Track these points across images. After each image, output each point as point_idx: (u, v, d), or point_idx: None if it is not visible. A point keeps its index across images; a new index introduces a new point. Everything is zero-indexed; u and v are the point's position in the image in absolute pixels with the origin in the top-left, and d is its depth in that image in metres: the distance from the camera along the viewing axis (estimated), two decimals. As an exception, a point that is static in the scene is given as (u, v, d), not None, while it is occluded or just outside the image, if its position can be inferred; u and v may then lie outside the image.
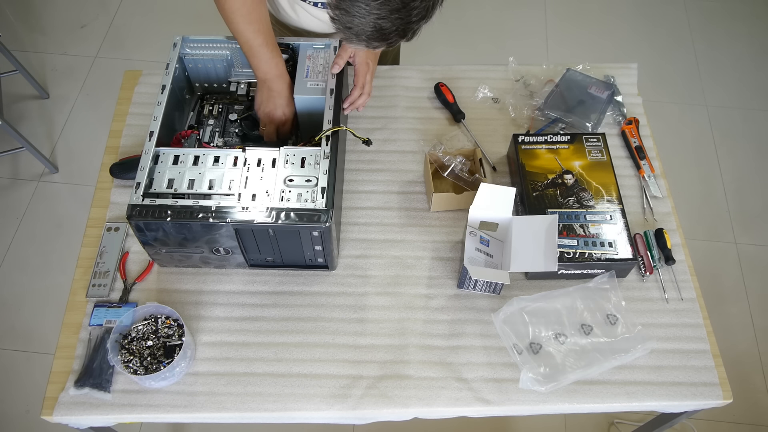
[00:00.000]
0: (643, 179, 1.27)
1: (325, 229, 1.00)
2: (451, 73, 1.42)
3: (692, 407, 1.08)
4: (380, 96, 1.38)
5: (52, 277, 2.06)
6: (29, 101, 2.47)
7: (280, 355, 1.06)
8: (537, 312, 1.10)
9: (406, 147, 1.31)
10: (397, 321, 1.10)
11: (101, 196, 1.24)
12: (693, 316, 1.12)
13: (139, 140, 1.30)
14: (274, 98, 1.17)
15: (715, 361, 1.08)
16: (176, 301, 1.11)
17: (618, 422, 1.85)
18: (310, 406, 1.02)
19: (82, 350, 1.06)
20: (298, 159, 1.07)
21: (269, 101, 1.17)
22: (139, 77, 1.39)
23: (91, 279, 1.12)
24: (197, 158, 1.07)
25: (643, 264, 1.16)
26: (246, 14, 1.09)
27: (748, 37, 2.80)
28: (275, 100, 1.17)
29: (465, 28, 2.79)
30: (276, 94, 1.16)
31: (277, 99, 1.17)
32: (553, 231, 1.06)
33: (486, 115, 1.37)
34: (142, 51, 2.63)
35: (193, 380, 1.04)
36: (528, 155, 1.22)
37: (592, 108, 1.32)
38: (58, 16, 2.74)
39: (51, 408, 1.01)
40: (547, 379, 1.03)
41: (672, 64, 2.70)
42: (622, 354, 1.06)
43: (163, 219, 0.98)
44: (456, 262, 1.17)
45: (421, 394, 1.04)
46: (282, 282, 1.14)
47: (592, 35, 2.78)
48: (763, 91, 2.62)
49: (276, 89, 1.16)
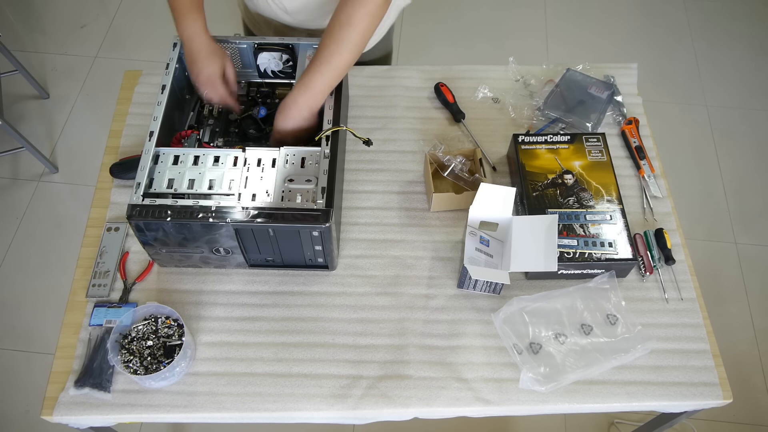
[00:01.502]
0: (643, 179, 1.27)
1: (325, 229, 1.00)
2: (451, 73, 1.42)
3: (692, 407, 1.08)
4: (380, 96, 1.38)
5: (52, 277, 2.06)
6: (29, 101, 2.47)
7: (280, 355, 1.06)
8: (537, 312, 1.10)
9: (406, 147, 1.31)
10: (397, 321, 1.10)
11: (101, 196, 1.24)
12: (693, 316, 1.12)
13: (139, 140, 1.30)
14: (203, 57, 1.14)
15: (715, 361, 1.08)
16: (176, 301, 1.11)
17: (618, 422, 1.85)
18: (310, 406, 1.02)
19: (82, 350, 1.06)
20: (298, 159, 1.07)
21: (201, 62, 1.14)
22: (139, 77, 1.39)
23: (91, 279, 1.12)
24: (197, 158, 1.07)
25: (643, 264, 1.16)
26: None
27: (748, 37, 2.80)
28: (205, 60, 1.14)
29: (464, 28, 2.79)
30: (196, 54, 1.13)
31: (206, 57, 1.14)
32: (553, 231, 1.06)
33: (486, 115, 1.37)
34: (142, 51, 2.63)
35: (193, 380, 1.04)
36: (528, 155, 1.22)
37: (592, 108, 1.32)
38: (58, 16, 2.74)
39: (51, 408, 1.01)
40: (547, 379, 1.03)
41: (672, 63, 2.70)
42: (622, 354, 1.06)
43: (163, 219, 0.98)
44: (456, 262, 1.17)
45: (421, 394, 1.04)
46: (282, 282, 1.14)
47: (592, 35, 2.78)
48: (763, 91, 2.62)
49: (194, 49, 1.14)
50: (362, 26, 1.06)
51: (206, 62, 1.14)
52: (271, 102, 1.26)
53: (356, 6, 1.05)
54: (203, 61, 1.14)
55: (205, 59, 1.14)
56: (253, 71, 1.27)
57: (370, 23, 1.07)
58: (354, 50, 1.08)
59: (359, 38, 1.07)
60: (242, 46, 1.22)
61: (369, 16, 1.06)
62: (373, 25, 1.08)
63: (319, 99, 1.10)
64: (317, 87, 1.08)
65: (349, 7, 1.06)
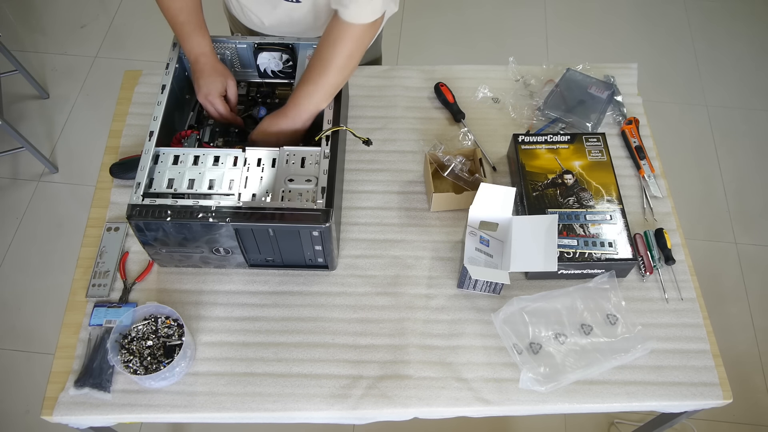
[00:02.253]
0: (643, 179, 1.27)
1: (325, 229, 1.00)
2: (451, 73, 1.42)
3: (692, 407, 1.08)
4: (380, 96, 1.38)
5: (52, 277, 2.06)
6: (29, 101, 2.47)
7: (280, 355, 1.06)
8: (537, 312, 1.10)
9: (406, 147, 1.31)
10: (397, 321, 1.10)
11: (101, 196, 1.24)
12: (693, 316, 1.12)
13: (139, 140, 1.30)
14: (205, 76, 1.16)
15: (715, 361, 1.08)
16: (176, 301, 1.11)
17: (618, 422, 1.85)
18: (310, 406, 1.02)
19: (82, 350, 1.06)
20: (298, 159, 1.07)
21: (202, 80, 1.16)
22: (139, 77, 1.39)
23: (91, 279, 1.12)
24: (197, 158, 1.07)
25: (643, 264, 1.16)
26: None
27: (748, 37, 2.80)
28: (207, 78, 1.16)
29: (465, 27, 2.79)
30: (199, 73, 1.16)
31: (209, 76, 1.16)
32: (553, 231, 1.06)
33: (486, 115, 1.37)
34: (142, 51, 2.63)
35: (193, 380, 1.04)
36: (528, 155, 1.22)
37: (592, 108, 1.32)
38: (58, 16, 2.74)
39: (51, 408, 1.01)
40: (547, 379, 1.03)
41: (672, 64, 2.70)
42: (622, 354, 1.06)
43: (163, 219, 0.98)
44: (456, 262, 1.17)
45: (421, 394, 1.04)
46: (282, 282, 1.14)
47: (592, 35, 2.78)
48: (763, 91, 2.61)
49: (197, 69, 1.16)
50: (348, 49, 1.06)
51: (207, 81, 1.17)
52: (271, 102, 1.26)
53: (343, 28, 1.04)
54: (204, 79, 1.16)
55: (207, 78, 1.16)
56: (253, 71, 1.27)
57: (357, 46, 1.07)
58: (340, 72, 1.08)
59: (345, 61, 1.07)
60: (242, 46, 1.22)
61: (355, 40, 1.05)
62: (360, 48, 1.08)
63: (305, 117, 1.11)
64: (304, 106, 1.10)
65: (336, 29, 1.05)
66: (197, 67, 1.16)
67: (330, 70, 1.07)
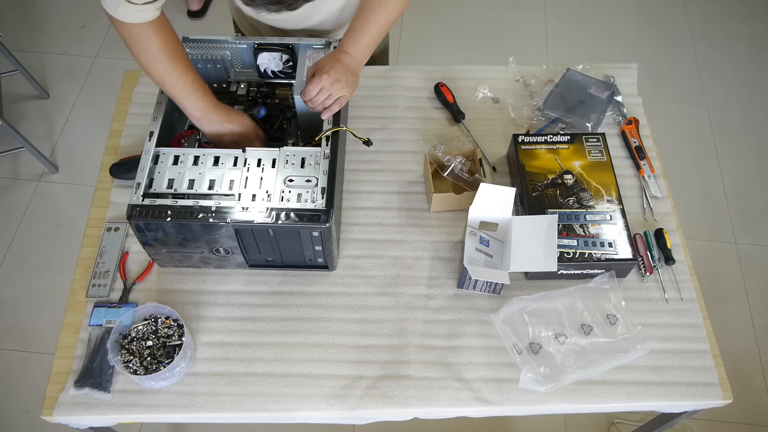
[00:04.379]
0: (643, 179, 1.27)
1: (325, 229, 1.00)
2: (451, 73, 1.42)
3: (692, 407, 1.08)
4: (380, 96, 1.38)
5: (52, 277, 2.06)
6: (29, 101, 2.47)
7: (280, 355, 1.06)
8: (537, 312, 1.10)
9: (406, 147, 1.31)
10: (397, 321, 1.10)
11: (101, 196, 1.24)
12: (693, 316, 1.12)
13: (139, 140, 1.30)
14: (226, 122, 1.12)
15: (715, 361, 1.08)
16: (176, 301, 1.11)
17: (618, 422, 1.85)
18: (310, 406, 1.02)
19: (82, 350, 1.06)
20: (298, 159, 1.07)
21: (224, 126, 1.12)
22: (139, 77, 1.39)
23: (91, 279, 1.12)
24: (197, 158, 1.07)
25: (643, 264, 1.16)
26: (172, 51, 1.05)
27: (748, 37, 2.80)
28: (227, 125, 1.12)
29: (465, 28, 2.79)
30: (223, 118, 1.11)
31: (230, 122, 1.12)
32: (552, 231, 1.06)
33: (486, 115, 1.37)
34: (142, 51, 2.62)
35: (193, 380, 1.04)
36: (528, 155, 1.22)
37: (592, 108, 1.32)
38: (58, 16, 2.74)
39: (51, 408, 1.01)
40: (547, 379, 1.03)
41: (672, 64, 2.70)
42: (622, 354, 1.06)
43: (163, 219, 0.98)
44: (456, 262, 1.17)
45: (421, 394, 1.04)
46: (282, 282, 1.14)
47: (592, 35, 2.78)
48: (763, 91, 2.62)
49: (219, 116, 1.11)
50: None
51: (236, 118, 1.13)
52: (271, 102, 1.26)
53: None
54: (233, 118, 1.13)
55: (232, 117, 1.13)
56: (253, 71, 1.27)
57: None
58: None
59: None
60: (242, 46, 1.22)
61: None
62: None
63: (364, 55, 1.13)
64: (364, 42, 1.12)
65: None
66: (216, 116, 1.11)
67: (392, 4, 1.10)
